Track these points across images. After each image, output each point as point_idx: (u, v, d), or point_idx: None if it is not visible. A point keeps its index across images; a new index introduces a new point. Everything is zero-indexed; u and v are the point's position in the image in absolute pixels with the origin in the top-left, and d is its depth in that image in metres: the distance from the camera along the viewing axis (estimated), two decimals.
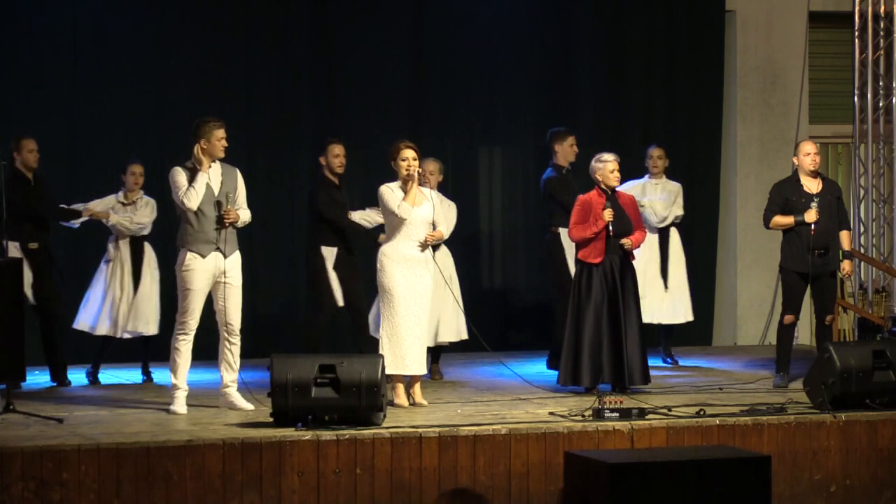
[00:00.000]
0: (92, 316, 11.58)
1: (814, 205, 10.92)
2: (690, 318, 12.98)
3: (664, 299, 12.79)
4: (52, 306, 11.45)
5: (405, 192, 10.09)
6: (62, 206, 11.51)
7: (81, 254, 12.49)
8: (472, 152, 14.16)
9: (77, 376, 11.58)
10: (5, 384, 9.61)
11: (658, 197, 12.69)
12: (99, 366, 11.66)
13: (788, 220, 11.02)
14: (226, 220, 9.73)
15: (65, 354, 11.53)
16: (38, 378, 11.48)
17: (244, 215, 9.93)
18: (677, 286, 12.84)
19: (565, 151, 12.03)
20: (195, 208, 9.70)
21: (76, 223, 11.67)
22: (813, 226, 10.91)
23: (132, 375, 11.79)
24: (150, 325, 11.61)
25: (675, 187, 12.79)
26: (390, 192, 10.10)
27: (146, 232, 11.65)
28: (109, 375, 11.79)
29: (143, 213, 11.58)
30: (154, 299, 11.65)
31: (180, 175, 9.76)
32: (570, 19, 14.31)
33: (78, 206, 11.54)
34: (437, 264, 10.37)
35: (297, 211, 13.38)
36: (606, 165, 10.77)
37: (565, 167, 12.04)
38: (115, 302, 11.51)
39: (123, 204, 11.58)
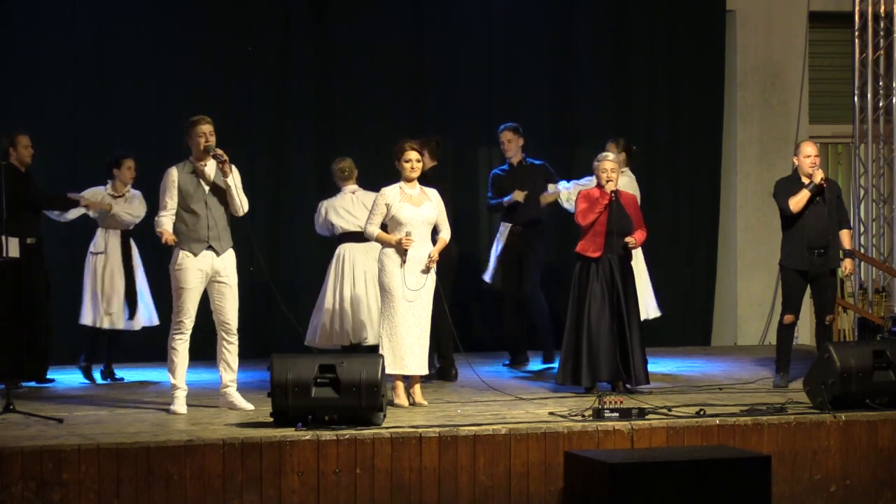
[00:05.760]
0: (92, 311, 11.55)
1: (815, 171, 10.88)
2: (658, 313, 12.59)
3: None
4: (42, 302, 11.40)
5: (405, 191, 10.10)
6: (50, 194, 11.47)
7: (69, 249, 12.49)
8: (472, 152, 14.15)
9: (73, 376, 11.60)
10: (4, 384, 9.61)
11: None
12: (111, 362, 11.70)
13: (802, 193, 10.94)
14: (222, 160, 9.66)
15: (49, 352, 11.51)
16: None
17: (241, 193, 9.81)
18: (642, 283, 12.44)
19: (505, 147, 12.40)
20: (159, 228, 9.72)
21: (70, 216, 11.64)
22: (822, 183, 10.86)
23: (129, 374, 11.84)
24: (153, 317, 11.73)
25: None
26: (378, 205, 10.07)
27: (137, 222, 11.69)
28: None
29: (138, 206, 11.64)
30: (147, 293, 11.72)
31: (169, 187, 9.72)
32: (571, 19, 14.30)
33: (74, 195, 11.46)
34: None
35: (298, 211, 13.37)
36: (600, 165, 10.77)
37: (512, 162, 12.42)
38: (108, 295, 11.47)
39: (113, 196, 11.60)
